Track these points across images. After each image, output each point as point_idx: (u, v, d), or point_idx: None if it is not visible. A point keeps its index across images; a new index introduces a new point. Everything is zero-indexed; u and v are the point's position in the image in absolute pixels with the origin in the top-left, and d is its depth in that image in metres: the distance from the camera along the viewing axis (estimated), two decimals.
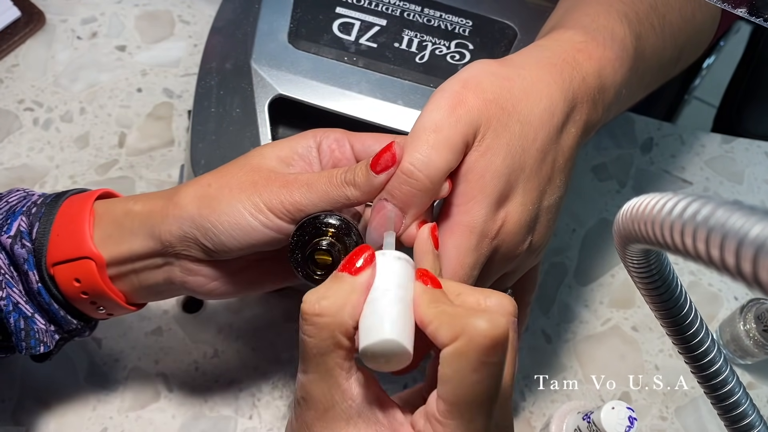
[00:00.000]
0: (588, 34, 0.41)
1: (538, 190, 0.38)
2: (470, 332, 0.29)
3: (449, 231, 0.37)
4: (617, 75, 0.41)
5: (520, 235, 0.38)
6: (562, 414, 0.53)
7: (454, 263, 0.36)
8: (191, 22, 0.70)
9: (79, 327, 0.43)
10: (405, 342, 0.30)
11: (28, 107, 0.64)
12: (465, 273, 0.37)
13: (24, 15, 0.66)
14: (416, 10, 0.51)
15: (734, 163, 0.72)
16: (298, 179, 0.38)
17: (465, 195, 0.36)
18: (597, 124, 0.42)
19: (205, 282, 0.41)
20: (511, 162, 0.37)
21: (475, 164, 0.36)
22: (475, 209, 0.36)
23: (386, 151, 0.36)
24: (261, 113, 0.47)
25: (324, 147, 0.41)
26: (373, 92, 0.47)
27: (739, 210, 0.20)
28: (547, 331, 0.61)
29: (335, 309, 0.31)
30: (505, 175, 0.37)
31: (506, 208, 0.37)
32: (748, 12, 0.35)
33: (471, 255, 0.37)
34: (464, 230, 0.36)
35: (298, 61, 0.48)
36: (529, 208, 0.38)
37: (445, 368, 0.30)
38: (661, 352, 0.62)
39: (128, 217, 0.40)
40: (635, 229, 0.27)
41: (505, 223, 0.37)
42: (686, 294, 0.34)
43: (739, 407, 0.35)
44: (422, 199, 0.36)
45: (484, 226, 0.36)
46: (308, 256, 0.37)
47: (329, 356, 0.31)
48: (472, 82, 0.37)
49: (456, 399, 0.30)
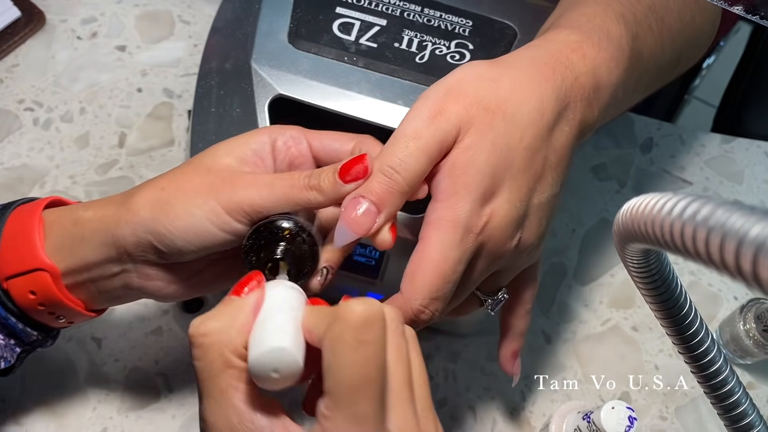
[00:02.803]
0: (583, 34, 0.41)
1: (527, 187, 0.38)
2: (343, 314, 0.29)
3: (434, 226, 0.37)
4: (612, 75, 0.41)
5: (508, 231, 0.38)
6: (561, 414, 0.53)
7: (437, 258, 0.36)
8: (191, 22, 0.70)
9: (39, 338, 0.42)
10: (294, 350, 0.30)
11: (28, 107, 0.64)
12: (449, 267, 0.37)
13: (24, 15, 0.66)
14: (416, 10, 0.51)
15: (734, 163, 0.72)
16: (257, 181, 0.37)
17: (449, 191, 0.37)
18: (594, 124, 0.42)
19: (164, 286, 0.41)
20: (496, 158, 0.37)
21: (458, 160, 0.37)
22: (458, 204, 0.36)
23: (358, 163, 0.37)
24: (261, 113, 0.47)
25: (279, 144, 0.40)
26: (373, 92, 0.47)
27: (739, 210, 0.20)
28: (547, 331, 0.61)
29: (221, 327, 0.31)
30: (490, 172, 0.37)
31: (492, 205, 0.37)
32: (745, 10, 0.35)
33: (455, 250, 0.36)
34: (448, 225, 0.36)
35: (298, 61, 0.48)
36: (516, 205, 0.38)
37: (326, 358, 0.29)
38: (661, 352, 0.62)
39: (80, 224, 0.39)
40: (635, 229, 0.27)
41: (491, 219, 0.37)
42: (686, 294, 0.34)
43: (739, 407, 0.35)
44: (398, 200, 0.37)
45: (469, 221, 0.37)
46: (263, 260, 0.37)
47: (220, 377, 0.31)
48: (455, 89, 0.38)
49: (337, 386, 0.29)
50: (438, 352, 0.59)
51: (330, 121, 0.47)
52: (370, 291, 0.55)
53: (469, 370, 0.58)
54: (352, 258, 0.53)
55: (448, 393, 0.57)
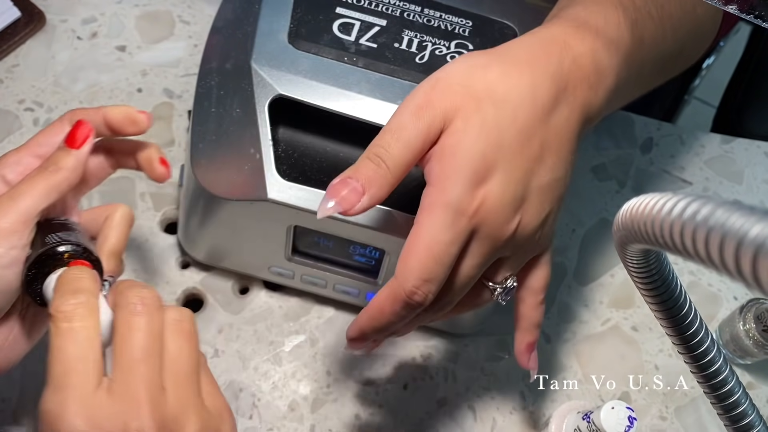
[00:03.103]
0: (580, 20, 0.42)
1: (523, 169, 0.38)
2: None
3: (426, 210, 0.37)
4: (613, 59, 0.41)
5: (504, 213, 0.38)
6: (561, 414, 0.53)
7: (428, 240, 0.37)
8: (191, 22, 0.70)
9: None
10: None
11: (28, 107, 0.64)
12: (440, 249, 0.37)
13: (24, 15, 0.66)
14: (416, 10, 0.51)
15: (734, 163, 0.72)
16: (17, 192, 0.38)
17: (440, 175, 0.37)
18: (599, 109, 0.42)
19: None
20: (485, 140, 0.37)
21: (446, 145, 0.38)
22: (449, 187, 0.37)
23: (78, 127, 0.41)
24: (261, 113, 0.47)
25: (10, 177, 0.41)
26: (373, 92, 0.47)
27: (739, 210, 0.20)
28: (547, 331, 0.61)
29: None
30: (479, 152, 0.37)
31: (486, 186, 0.38)
32: (740, 10, 0.35)
33: (446, 232, 0.37)
34: (439, 208, 0.37)
35: (298, 61, 0.48)
36: (511, 187, 0.38)
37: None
38: (661, 352, 0.62)
39: None
40: (635, 229, 0.27)
41: (485, 200, 0.38)
42: (686, 294, 0.34)
43: (739, 407, 0.35)
44: (383, 186, 0.38)
45: (460, 203, 0.37)
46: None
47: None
48: (443, 80, 0.38)
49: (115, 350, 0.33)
50: (438, 352, 0.59)
51: (330, 121, 0.47)
52: (370, 291, 0.55)
53: (469, 370, 0.58)
54: (352, 258, 0.53)
55: (448, 393, 0.57)
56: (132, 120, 0.43)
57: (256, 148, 0.47)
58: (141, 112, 0.43)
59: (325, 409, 0.55)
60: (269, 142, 0.47)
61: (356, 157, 0.46)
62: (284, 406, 0.55)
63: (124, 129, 0.43)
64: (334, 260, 0.54)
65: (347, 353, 0.57)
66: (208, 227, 0.53)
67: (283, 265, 0.54)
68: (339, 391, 0.56)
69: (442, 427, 0.56)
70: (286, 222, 0.49)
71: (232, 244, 0.55)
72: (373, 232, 0.47)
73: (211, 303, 0.58)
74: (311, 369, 0.57)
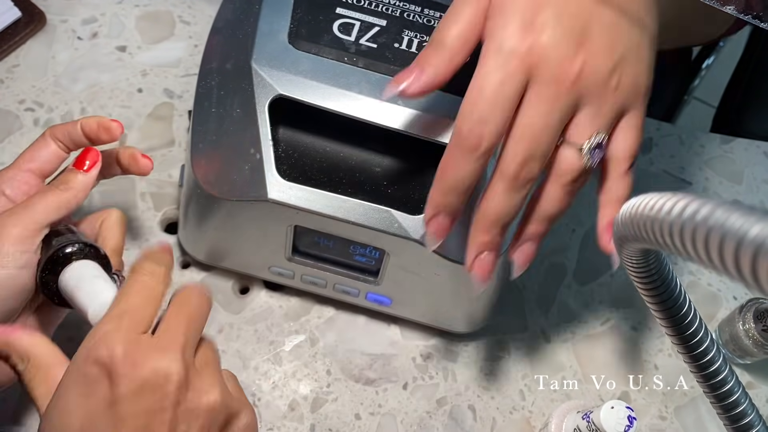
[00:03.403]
0: None
1: (577, 2, 0.38)
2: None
3: (480, 62, 0.38)
4: None
5: (560, 49, 0.37)
6: (561, 413, 0.54)
7: (480, 82, 0.37)
8: (191, 23, 0.70)
9: None
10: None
11: (28, 107, 0.64)
12: (491, 89, 0.37)
13: (25, 15, 0.66)
14: (416, 10, 0.51)
15: (733, 163, 0.72)
16: (28, 207, 0.43)
17: (490, 28, 0.38)
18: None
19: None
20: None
21: (494, 1, 0.38)
22: (497, 33, 0.37)
23: (87, 153, 0.46)
24: (261, 113, 0.47)
25: (10, 193, 0.45)
26: (373, 92, 0.47)
27: (738, 210, 0.20)
28: (547, 331, 0.61)
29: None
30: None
31: (537, 25, 0.37)
32: (738, 10, 0.35)
33: (496, 73, 0.37)
34: (489, 53, 0.38)
35: (298, 62, 0.48)
36: (565, 20, 0.37)
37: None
38: (660, 351, 0.62)
39: None
40: (635, 229, 0.27)
41: (537, 38, 0.37)
42: (686, 294, 0.34)
43: (739, 406, 0.35)
44: (440, 62, 0.39)
45: (509, 45, 0.37)
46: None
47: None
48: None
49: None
50: (438, 352, 0.59)
51: (330, 121, 0.47)
52: (370, 291, 0.55)
53: (469, 370, 0.59)
54: (353, 258, 0.53)
55: (448, 393, 0.57)
56: (105, 127, 0.47)
57: (257, 148, 0.47)
58: (113, 120, 0.47)
59: (325, 409, 0.55)
60: (269, 142, 0.47)
61: (356, 157, 0.46)
62: (284, 406, 0.55)
63: (99, 137, 0.47)
64: (334, 260, 0.54)
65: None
66: (209, 227, 0.53)
67: (284, 265, 0.54)
68: (339, 391, 0.56)
69: (442, 427, 0.56)
70: (286, 222, 0.49)
71: (233, 244, 0.55)
72: (373, 232, 0.48)
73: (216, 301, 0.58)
74: (311, 369, 0.57)
